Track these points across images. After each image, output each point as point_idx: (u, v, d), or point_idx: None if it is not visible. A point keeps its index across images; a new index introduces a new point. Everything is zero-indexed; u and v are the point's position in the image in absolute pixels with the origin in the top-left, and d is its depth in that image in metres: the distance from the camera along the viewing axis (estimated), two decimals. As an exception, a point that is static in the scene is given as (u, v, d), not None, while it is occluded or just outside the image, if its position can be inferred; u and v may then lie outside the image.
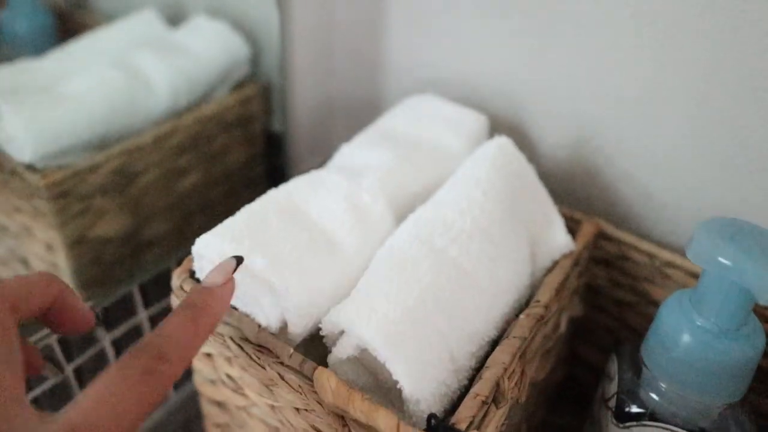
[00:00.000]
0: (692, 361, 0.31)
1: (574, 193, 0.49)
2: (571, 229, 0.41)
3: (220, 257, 0.31)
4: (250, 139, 0.58)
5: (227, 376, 0.36)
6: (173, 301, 0.36)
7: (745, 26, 0.36)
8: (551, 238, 0.39)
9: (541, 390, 0.41)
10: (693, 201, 0.43)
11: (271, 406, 0.34)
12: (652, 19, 0.39)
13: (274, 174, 0.61)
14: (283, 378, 0.31)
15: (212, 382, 0.38)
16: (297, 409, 0.32)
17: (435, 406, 0.30)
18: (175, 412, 0.53)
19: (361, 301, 0.31)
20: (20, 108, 0.43)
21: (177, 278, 0.35)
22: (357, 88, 0.59)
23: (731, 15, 0.36)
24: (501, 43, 0.47)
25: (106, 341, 0.49)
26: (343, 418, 0.29)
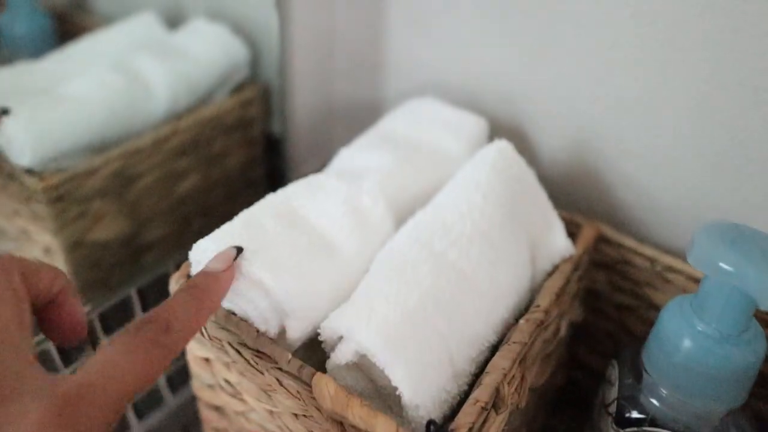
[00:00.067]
0: (693, 367, 0.31)
1: (574, 196, 0.49)
2: (572, 233, 0.41)
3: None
4: (249, 142, 0.58)
5: (225, 381, 0.36)
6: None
7: (746, 27, 0.36)
8: (551, 242, 0.39)
9: (541, 395, 0.41)
10: (694, 204, 0.43)
11: (270, 411, 0.34)
12: (653, 20, 0.39)
13: (274, 177, 0.61)
14: (281, 383, 0.31)
15: (210, 386, 0.38)
16: (295, 415, 0.32)
17: (434, 412, 0.30)
18: (173, 416, 0.53)
19: (360, 305, 0.31)
20: (20, 111, 0.43)
21: (175, 283, 0.35)
22: (357, 90, 0.59)
23: (732, 15, 0.36)
24: (501, 44, 0.47)
25: (105, 344, 0.49)
26: (341, 424, 0.29)
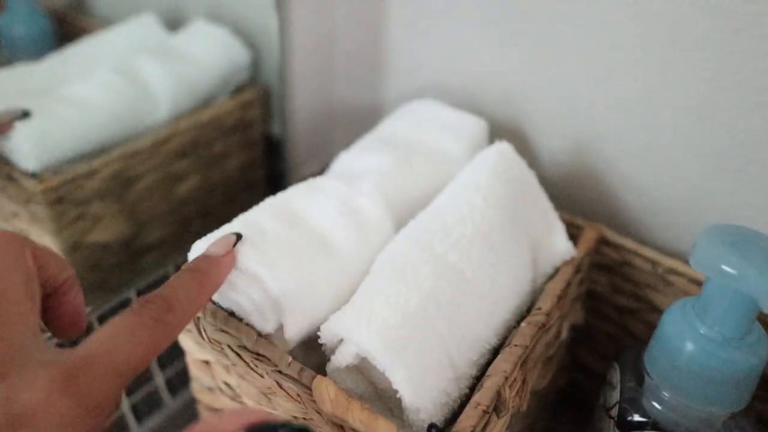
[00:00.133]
0: (696, 370, 0.31)
1: (574, 198, 0.49)
2: (573, 235, 0.41)
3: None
4: (249, 144, 0.58)
5: (225, 384, 0.36)
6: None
7: (747, 27, 0.36)
8: (552, 244, 0.39)
9: (542, 398, 0.41)
10: (695, 205, 0.43)
11: (270, 414, 0.33)
12: (653, 21, 0.39)
13: (273, 178, 0.61)
14: (281, 386, 0.31)
15: (210, 389, 0.38)
16: (295, 418, 0.32)
17: (435, 415, 0.30)
18: (172, 419, 0.53)
19: (361, 307, 0.31)
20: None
21: (174, 285, 0.35)
22: (357, 91, 0.59)
23: (732, 16, 0.36)
24: (501, 45, 0.47)
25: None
26: (342, 428, 0.29)
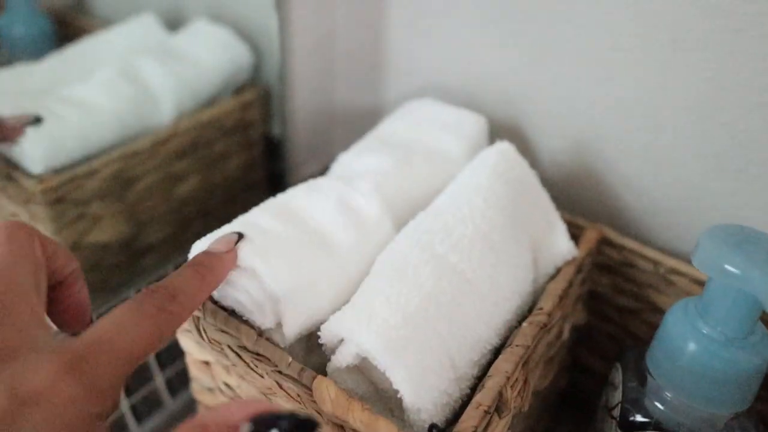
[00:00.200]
0: (698, 371, 0.31)
1: (576, 198, 0.48)
2: (574, 236, 0.41)
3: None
4: (249, 144, 0.58)
5: (225, 384, 0.36)
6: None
7: (747, 28, 0.36)
8: (554, 245, 0.39)
9: (543, 398, 0.41)
10: (698, 206, 0.43)
11: (270, 415, 0.33)
12: (653, 21, 0.39)
13: (273, 179, 0.60)
14: (281, 387, 0.31)
15: (210, 390, 0.38)
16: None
17: (436, 415, 0.29)
18: (172, 420, 0.53)
19: (361, 308, 0.31)
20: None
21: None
22: (357, 92, 0.59)
23: (732, 16, 0.36)
24: (501, 45, 0.47)
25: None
26: (342, 428, 0.29)
